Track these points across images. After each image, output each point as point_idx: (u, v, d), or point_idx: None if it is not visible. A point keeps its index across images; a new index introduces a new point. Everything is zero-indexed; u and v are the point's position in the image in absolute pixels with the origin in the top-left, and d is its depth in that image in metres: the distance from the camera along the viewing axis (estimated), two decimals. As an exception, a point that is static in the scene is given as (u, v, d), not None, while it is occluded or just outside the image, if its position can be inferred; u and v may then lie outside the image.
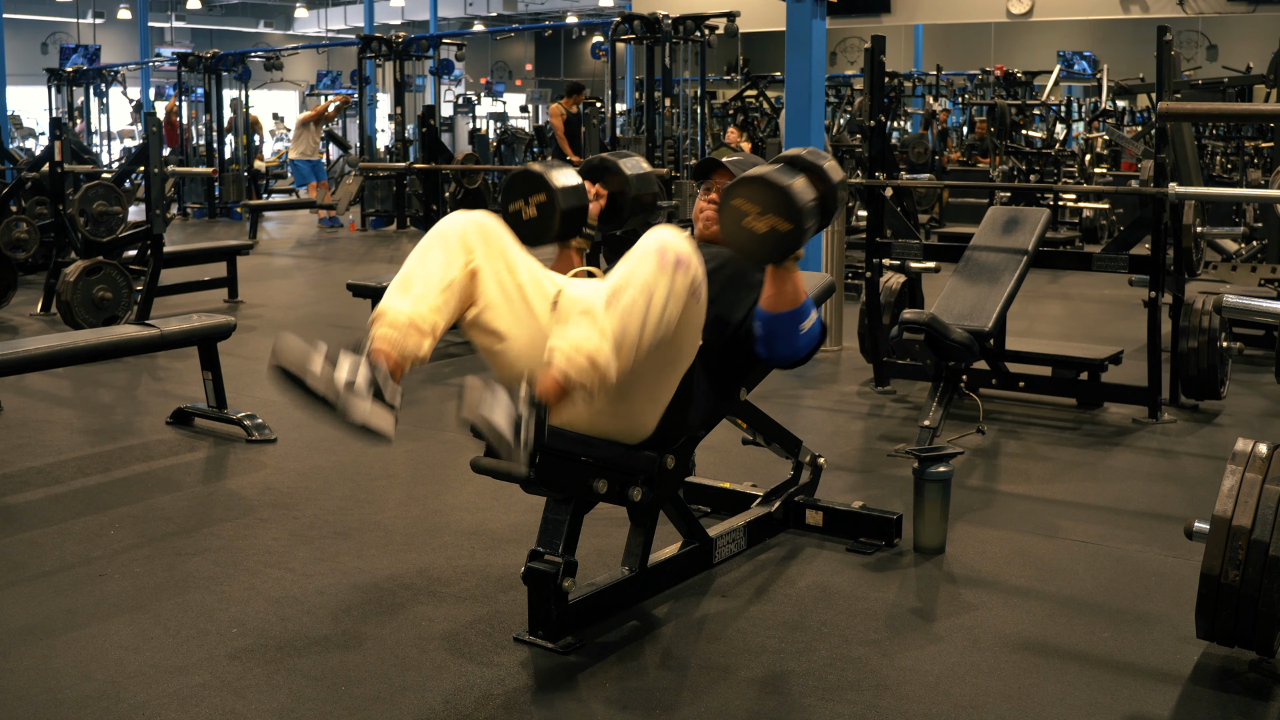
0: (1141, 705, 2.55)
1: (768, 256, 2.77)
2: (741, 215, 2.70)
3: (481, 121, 22.65)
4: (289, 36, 33.02)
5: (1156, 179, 4.89)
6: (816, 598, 3.09)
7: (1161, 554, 3.43)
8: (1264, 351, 6.19)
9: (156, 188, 6.45)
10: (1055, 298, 8.43)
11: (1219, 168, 12.59)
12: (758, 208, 2.68)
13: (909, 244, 5.35)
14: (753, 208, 2.69)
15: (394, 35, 13.64)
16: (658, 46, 11.44)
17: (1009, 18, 11.37)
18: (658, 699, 2.55)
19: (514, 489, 2.90)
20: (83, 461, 4.31)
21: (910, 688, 2.61)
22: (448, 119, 19.83)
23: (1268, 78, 9.72)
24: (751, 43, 18.91)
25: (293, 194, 17.10)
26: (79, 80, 17.76)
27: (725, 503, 3.65)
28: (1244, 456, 2.62)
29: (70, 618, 2.94)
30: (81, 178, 8.01)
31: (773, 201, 2.68)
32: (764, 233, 2.69)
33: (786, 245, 2.73)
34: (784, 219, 2.68)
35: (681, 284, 2.50)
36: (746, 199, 2.70)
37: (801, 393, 5.54)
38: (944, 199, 11.81)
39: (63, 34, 24.91)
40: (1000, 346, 5.13)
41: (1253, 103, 10.73)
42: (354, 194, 13.45)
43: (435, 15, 28.15)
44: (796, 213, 2.68)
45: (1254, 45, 17.01)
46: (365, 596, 3.08)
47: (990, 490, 4.06)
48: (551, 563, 2.77)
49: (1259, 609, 2.50)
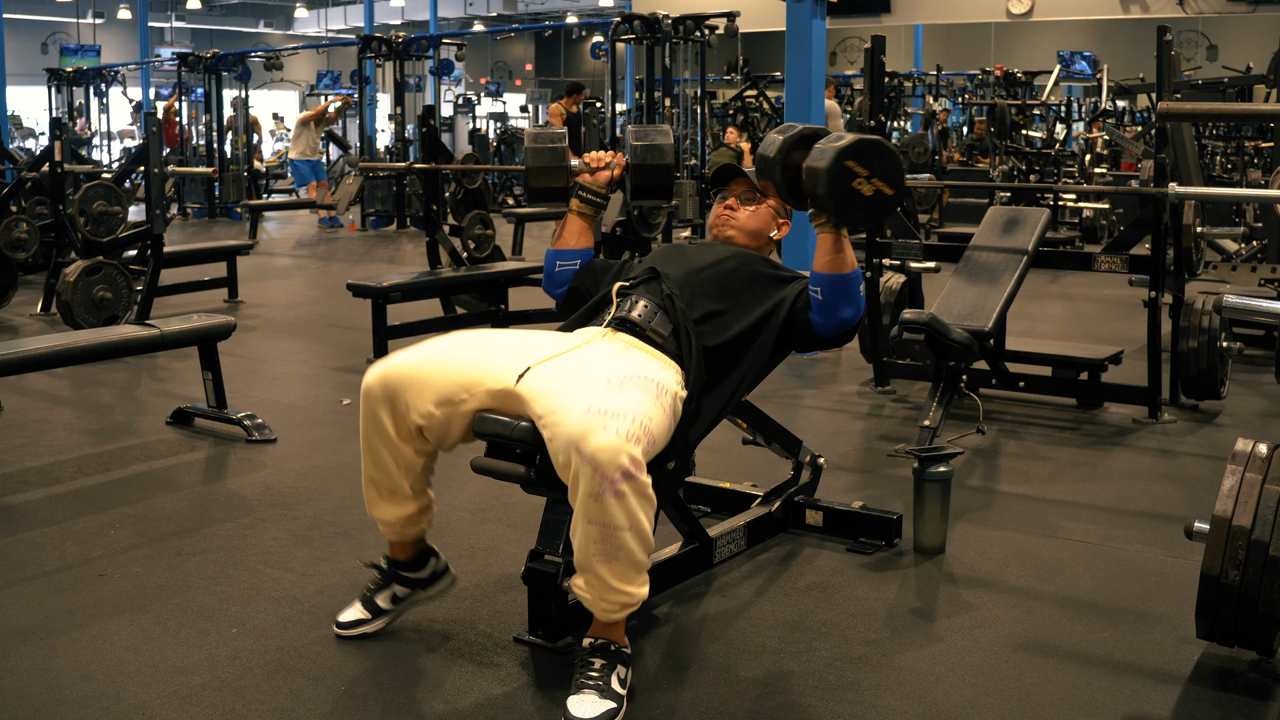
0: (1141, 705, 2.55)
1: (867, 219, 2.79)
2: (853, 176, 2.70)
3: (481, 122, 22.66)
4: (289, 36, 33.02)
5: (1156, 179, 4.89)
6: (816, 598, 3.09)
7: (1161, 554, 3.43)
8: (1264, 351, 6.19)
9: (156, 188, 6.45)
10: (1055, 298, 8.43)
11: (1219, 168, 12.60)
12: (867, 171, 2.70)
13: (909, 244, 5.35)
14: (863, 170, 2.71)
15: (394, 35, 13.64)
16: (658, 46, 11.45)
17: (1009, 18, 11.38)
18: (658, 699, 2.55)
19: (514, 489, 2.90)
20: (83, 461, 4.31)
21: (910, 688, 2.61)
22: (448, 119, 19.84)
23: (1268, 78, 9.71)
24: (751, 43, 18.91)
25: (293, 194, 17.10)
26: (79, 80, 17.76)
27: (725, 503, 3.65)
28: (1244, 456, 2.62)
29: (70, 618, 2.94)
30: (81, 178, 8.01)
31: (885, 167, 2.72)
32: (870, 195, 2.71)
33: (886, 210, 2.78)
34: (889, 184, 2.72)
35: (642, 486, 2.37)
36: (859, 162, 2.70)
37: (801, 393, 5.54)
38: (944, 199, 11.81)
39: (63, 34, 24.91)
40: (1000, 346, 5.13)
41: (1253, 103, 10.72)
42: (354, 194, 13.45)
43: (435, 15, 28.15)
44: (900, 179, 2.74)
45: (1254, 45, 17.00)
46: (365, 596, 3.08)
47: (990, 490, 4.06)
48: (551, 563, 2.77)
49: (1259, 609, 2.50)
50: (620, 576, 2.41)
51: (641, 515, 2.38)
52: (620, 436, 2.33)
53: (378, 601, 2.84)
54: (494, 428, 2.62)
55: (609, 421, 2.34)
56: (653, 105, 11.39)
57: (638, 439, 2.36)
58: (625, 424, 2.35)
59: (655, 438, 2.44)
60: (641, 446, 2.36)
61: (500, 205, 14.20)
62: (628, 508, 2.35)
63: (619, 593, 2.43)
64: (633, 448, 2.34)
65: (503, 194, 15.62)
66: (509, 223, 11.04)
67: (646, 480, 2.38)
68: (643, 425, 2.39)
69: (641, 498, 2.37)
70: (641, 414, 2.41)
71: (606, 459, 2.31)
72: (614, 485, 2.32)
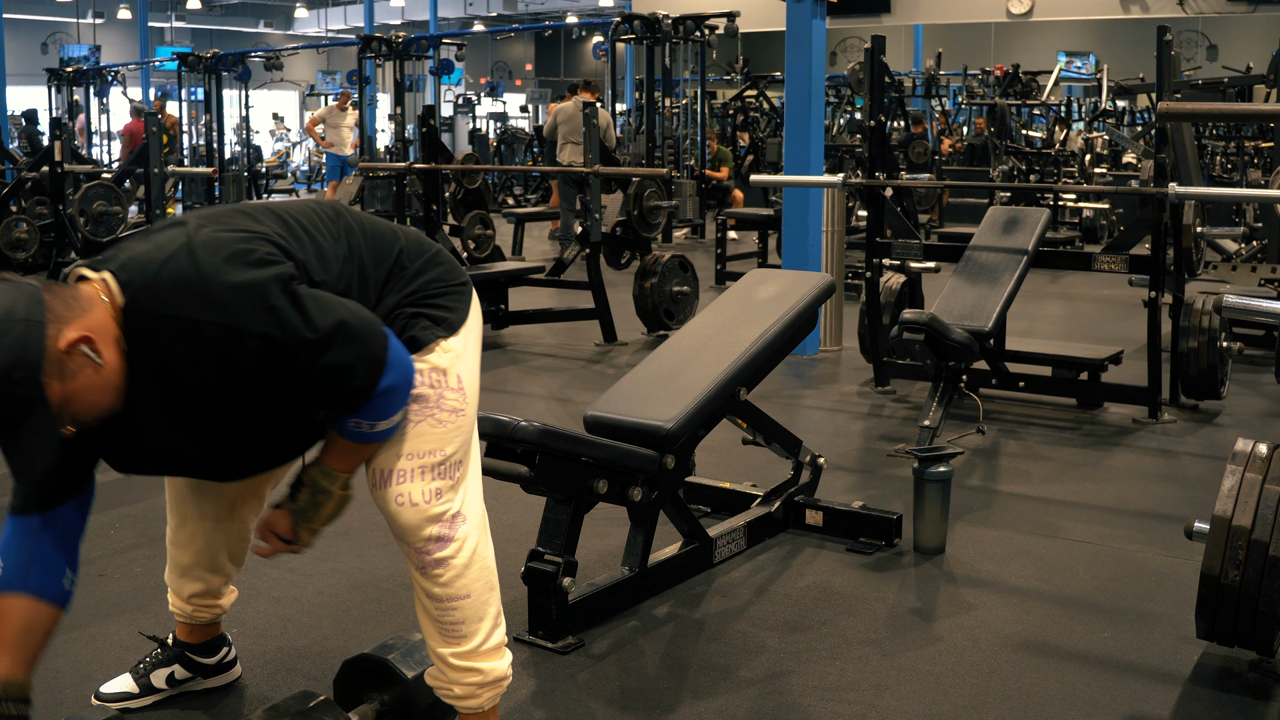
0: (1141, 705, 2.55)
1: None
2: None
3: (481, 121, 22.65)
4: (289, 36, 33.01)
5: (1156, 179, 4.89)
6: (816, 598, 3.09)
7: (1161, 554, 3.43)
8: (1264, 351, 6.19)
9: (156, 188, 6.45)
10: (1055, 298, 8.43)
11: (1219, 168, 12.60)
12: None
13: (909, 244, 5.35)
14: None
15: (394, 35, 13.63)
16: (658, 46, 11.44)
17: (1009, 18, 11.38)
18: (658, 699, 2.55)
19: (514, 489, 2.90)
20: (83, 461, 4.30)
21: (910, 688, 2.61)
22: (448, 119, 19.83)
23: (1268, 78, 9.72)
24: (751, 43, 18.90)
25: (293, 194, 17.11)
26: (79, 80, 17.75)
27: (725, 503, 3.65)
28: (1244, 456, 2.62)
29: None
30: (81, 178, 8.01)
31: None
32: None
33: None
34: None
35: (476, 533, 2.13)
36: None
37: (801, 393, 5.54)
38: (944, 199, 11.81)
39: (63, 34, 24.90)
40: (1000, 346, 5.13)
41: (1253, 103, 10.73)
42: (354, 194, 13.45)
43: (435, 15, 28.14)
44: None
45: (1254, 45, 17.02)
46: (365, 596, 3.08)
47: (990, 490, 4.06)
48: (551, 563, 2.77)
49: (1259, 609, 2.50)
50: (463, 665, 2.17)
51: (475, 567, 2.14)
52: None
53: (152, 679, 2.53)
54: (493, 428, 2.62)
55: None
56: (653, 105, 11.39)
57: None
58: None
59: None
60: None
61: (500, 205, 14.20)
62: (472, 582, 2.13)
63: (465, 680, 2.18)
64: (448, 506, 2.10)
65: (502, 194, 15.61)
66: (509, 223, 11.05)
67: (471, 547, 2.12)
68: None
69: (474, 554, 2.13)
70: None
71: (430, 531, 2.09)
72: (438, 544, 2.09)
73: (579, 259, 6.98)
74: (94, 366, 1.79)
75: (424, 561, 2.10)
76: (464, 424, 2.13)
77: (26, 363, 1.72)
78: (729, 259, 9.01)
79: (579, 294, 7.00)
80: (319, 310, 1.88)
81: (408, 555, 2.13)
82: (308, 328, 1.85)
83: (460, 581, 2.11)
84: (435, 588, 2.11)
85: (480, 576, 2.14)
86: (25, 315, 1.73)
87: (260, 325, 1.82)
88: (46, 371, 1.74)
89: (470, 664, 2.16)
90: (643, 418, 2.99)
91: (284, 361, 1.86)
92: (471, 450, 2.18)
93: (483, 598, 2.15)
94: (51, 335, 1.75)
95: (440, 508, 2.08)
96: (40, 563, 2.01)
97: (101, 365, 1.80)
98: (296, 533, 2.12)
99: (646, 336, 6.84)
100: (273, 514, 2.14)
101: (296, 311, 1.85)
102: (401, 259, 2.10)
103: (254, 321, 1.82)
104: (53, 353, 1.75)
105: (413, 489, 2.06)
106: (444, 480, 2.09)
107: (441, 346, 2.09)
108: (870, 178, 5.47)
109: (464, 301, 2.17)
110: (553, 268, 7.23)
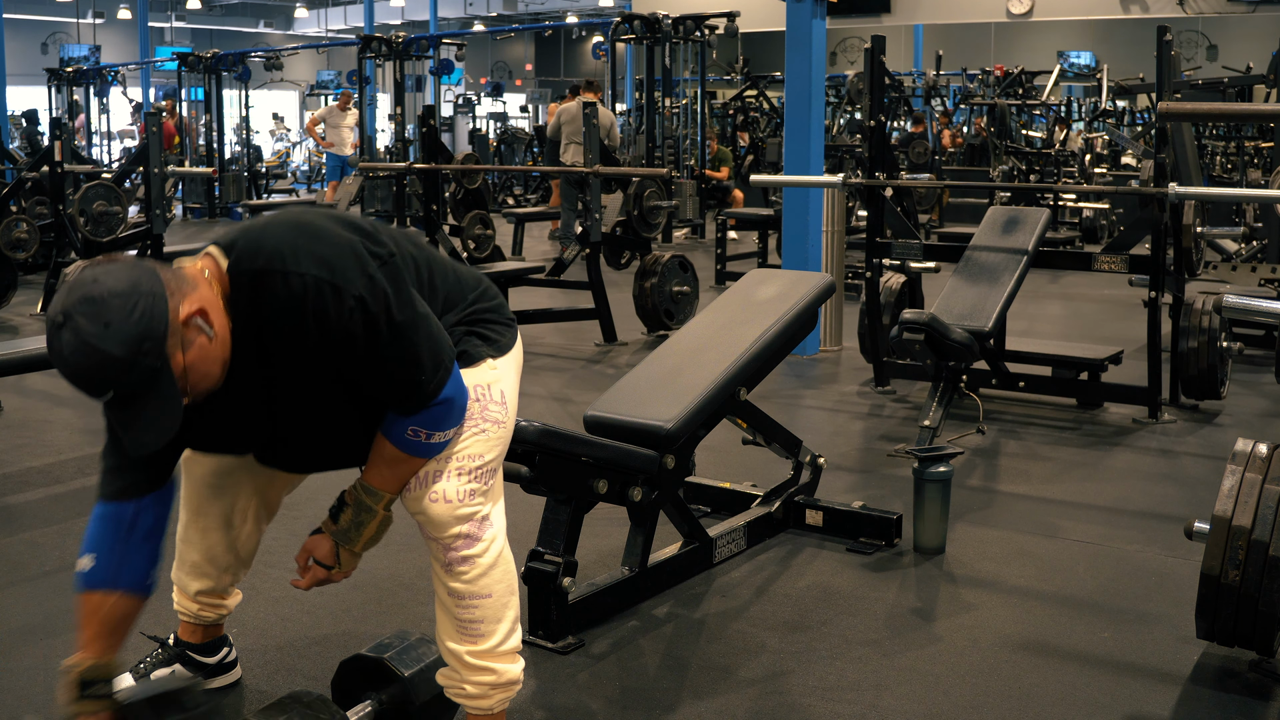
0: (1141, 705, 2.55)
1: None
2: None
3: (481, 122, 22.64)
4: (289, 36, 33.01)
5: (1156, 179, 4.89)
6: (816, 598, 3.09)
7: (1161, 554, 3.43)
8: (1264, 351, 6.19)
9: (156, 188, 6.45)
10: (1055, 298, 8.43)
11: (1219, 168, 12.60)
12: None
13: (909, 244, 5.35)
14: None
15: (394, 35, 13.64)
16: (658, 46, 11.45)
17: (1009, 18, 11.39)
18: (658, 699, 2.55)
19: (514, 489, 2.90)
20: (83, 461, 4.30)
21: (910, 688, 2.61)
22: (448, 119, 19.83)
23: (1268, 78, 9.73)
24: (751, 43, 18.90)
25: (293, 194, 17.10)
26: (79, 80, 17.75)
27: (725, 503, 3.65)
28: (1244, 456, 2.62)
29: (70, 618, 2.92)
30: (81, 178, 8.01)
31: None
32: None
33: None
34: None
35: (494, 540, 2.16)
36: None
37: (801, 393, 5.54)
38: (944, 199, 11.81)
39: (63, 34, 24.90)
40: (1000, 346, 5.13)
41: (1253, 103, 10.73)
42: (354, 194, 13.45)
43: (435, 15, 28.14)
44: None
45: (1254, 45, 17.02)
46: (365, 596, 3.08)
47: (990, 490, 4.06)
48: (551, 563, 2.77)
49: (1259, 609, 2.50)
50: (480, 664, 2.19)
51: (497, 573, 2.17)
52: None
53: (152, 679, 2.49)
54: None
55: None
56: (653, 105, 11.39)
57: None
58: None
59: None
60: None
61: (500, 205, 14.20)
62: (496, 589, 2.17)
63: (479, 680, 2.20)
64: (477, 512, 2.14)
65: (502, 194, 15.61)
66: (509, 223, 11.04)
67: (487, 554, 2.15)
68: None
69: (497, 563, 2.17)
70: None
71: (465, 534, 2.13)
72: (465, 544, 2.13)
73: (579, 259, 6.98)
74: (207, 337, 1.87)
75: (450, 558, 2.13)
76: (503, 436, 2.23)
77: (155, 334, 1.79)
78: (729, 259, 9.01)
79: (579, 294, 7.00)
80: (406, 299, 2.00)
81: (434, 552, 2.16)
82: (394, 308, 1.95)
83: (484, 580, 2.15)
84: (459, 584, 2.15)
85: (503, 579, 2.18)
86: (150, 289, 1.80)
87: (358, 287, 1.91)
88: (170, 343, 1.81)
89: (485, 663, 2.19)
90: (643, 418, 2.99)
91: (366, 333, 1.94)
92: (502, 466, 2.26)
93: (503, 600, 2.19)
94: (173, 308, 1.82)
95: (471, 508, 2.13)
96: (131, 564, 2.12)
97: (213, 336, 1.88)
98: (337, 557, 2.19)
99: (646, 336, 6.84)
100: (311, 539, 2.21)
101: (390, 289, 1.95)
102: (462, 287, 2.24)
103: (353, 283, 1.91)
104: (175, 325, 1.82)
105: (448, 487, 2.12)
106: (479, 484, 2.15)
107: (489, 363, 2.22)
108: (870, 178, 5.47)
109: (511, 333, 2.32)
110: (553, 268, 7.23)
